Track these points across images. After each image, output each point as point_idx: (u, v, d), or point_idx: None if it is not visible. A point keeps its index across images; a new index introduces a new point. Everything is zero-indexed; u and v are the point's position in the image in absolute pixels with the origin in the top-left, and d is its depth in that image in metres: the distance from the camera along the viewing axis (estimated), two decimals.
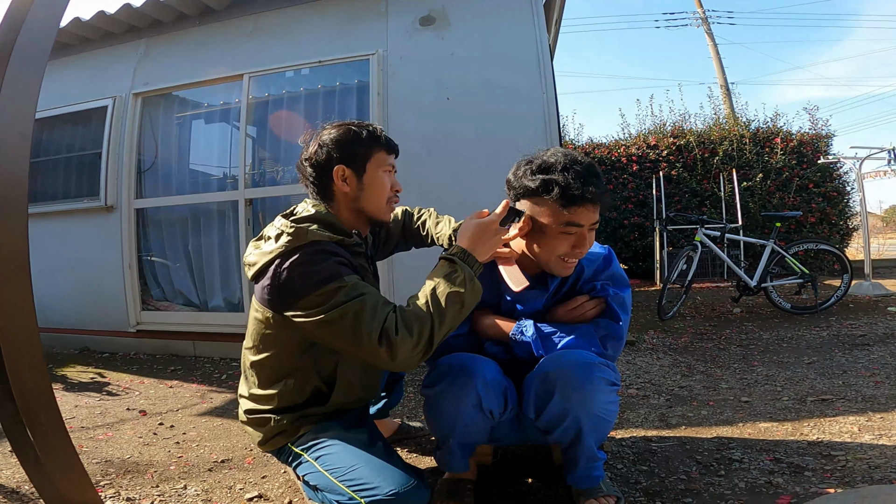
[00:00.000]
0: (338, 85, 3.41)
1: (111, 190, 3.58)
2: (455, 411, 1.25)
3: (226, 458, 1.82)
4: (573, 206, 1.22)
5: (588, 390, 1.19)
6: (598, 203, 1.25)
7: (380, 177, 1.30)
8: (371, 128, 1.31)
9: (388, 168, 1.33)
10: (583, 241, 1.26)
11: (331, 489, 1.17)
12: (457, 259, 1.18)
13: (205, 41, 3.57)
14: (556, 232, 1.25)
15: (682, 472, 1.53)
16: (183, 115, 3.80)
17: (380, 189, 1.30)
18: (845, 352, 2.77)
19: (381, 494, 1.11)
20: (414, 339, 1.08)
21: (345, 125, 1.30)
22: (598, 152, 7.07)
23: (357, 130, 1.29)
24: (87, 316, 3.72)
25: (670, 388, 2.37)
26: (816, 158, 6.26)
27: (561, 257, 1.28)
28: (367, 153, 1.28)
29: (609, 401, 1.25)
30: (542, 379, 1.23)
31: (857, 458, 1.51)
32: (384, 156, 1.30)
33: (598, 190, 1.23)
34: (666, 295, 4.04)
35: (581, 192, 1.20)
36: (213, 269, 3.59)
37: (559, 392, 1.20)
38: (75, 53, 3.89)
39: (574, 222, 1.23)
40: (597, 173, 1.25)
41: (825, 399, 2.04)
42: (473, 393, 1.22)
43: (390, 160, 1.33)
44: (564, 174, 1.23)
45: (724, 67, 11.37)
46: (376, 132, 1.31)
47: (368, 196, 1.29)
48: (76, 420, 2.27)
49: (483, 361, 1.27)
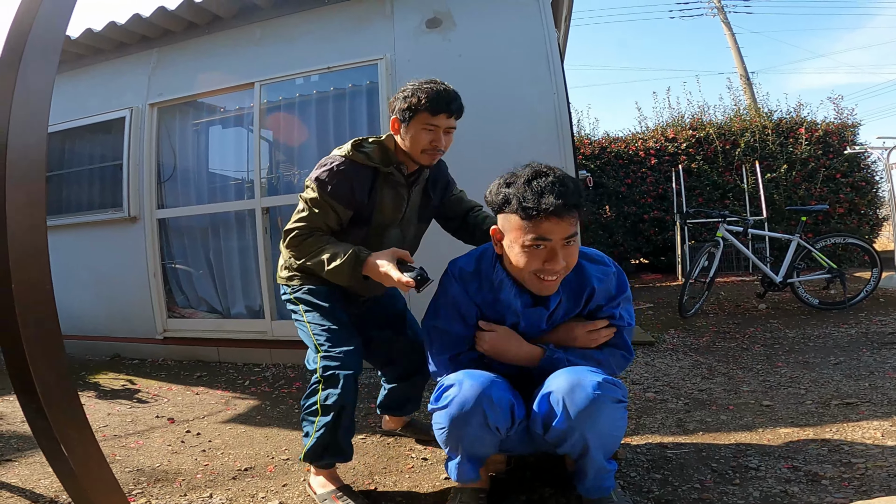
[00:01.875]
0: (349, 87, 3.44)
1: (133, 201, 3.68)
2: (462, 429, 1.26)
3: (249, 465, 1.87)
4: (533, 220, 1.21)
5: (594, 409, 1.19)
6: (566, 216, 1.21)
7: (419, 132, 1.58)
8: (436, 96, 1.56)
9: (429, 127, 1.58)
10: (553, 255, 1.24)
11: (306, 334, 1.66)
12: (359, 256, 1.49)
13: (214, 50, 3.64)
14: (525, 247, 1.25)
15: (697, 480, 1.51)
16: (198, 123, 3.88)
17: (415, 140, 1.59)
18: (874, 351, 2.68)
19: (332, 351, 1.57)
20: (292, 251, 1.62)
21: (420, 88, 1.57)
22: (614, 146, 6.97)
23: (421, 99, 1.56)
24: (117, 324, 3.84)
25: (689, 391, 2.34)
26: (843, 148, 6.06)
27: (534, 273, 1.27)
28: (414, 113, 1.57)
29: (616, 416, 1.25)
30: (547, 396, 1.25)
31: (878, 465, 1.47)
32: (427, 117, 1.56)
33: (565, 202, 1.19)
34: (688, 291, 3.97)
35: (536, 206, 1.20)
36: (235, 277, 3.67)
37: (564, 410, 1.21)
38: (90, 65, 3.98)
39: (539, 236, 1.22)
40: (564, 185, 1.22)
41: (850, 403, 1.99)
42: (479, 411, 1.23)
43: (434, 121, 1.57)
44: (524, 188, 1.22)
45: (742, 57, 11.07)
46: (435, 102, 1.55)
47: (408, 143, 1.61)
48: (109, 428, 2.36)
49: (489, 378, 1.28)
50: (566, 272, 1.29)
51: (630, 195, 6.76)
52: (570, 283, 1.37)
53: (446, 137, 1.62)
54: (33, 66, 1.00)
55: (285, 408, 2.54)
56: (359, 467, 1.79)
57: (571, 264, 1.28)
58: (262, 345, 3.43)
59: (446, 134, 1.61)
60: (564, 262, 1.25)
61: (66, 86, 3.92)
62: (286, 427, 2.28)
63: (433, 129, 1.57)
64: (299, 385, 2.90)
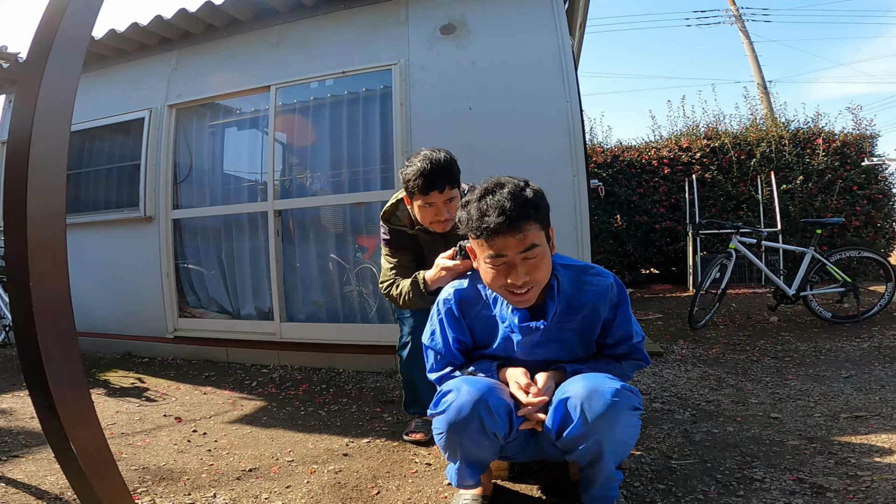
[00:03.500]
0: (363, 91, 3.48)
1: (150, 201, 3.75)
2: (459, 434, 1.27)
3: (253, 466, 1.89)
4: (482, 238, 1.24)
5: (611, 415, 1.20)
6: (514, 231, 1.21)
7: (419, 208, 1.81)
8: (423, 176, 1.72)
9: (426, 205, 1.77)
10: (513, 270, 1.25)
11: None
12: (415, 277, 1.77)
13: (232, 53, 3.70)
14: (487, 263, 1.27)
15: (700, 491, 1.50)
16: (215, 125, 3.95)
17: (421, 216, 1.83)
18: (885, 365, 2.64)
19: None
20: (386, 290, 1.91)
21: (412, 167, 1.75)
22: (627, 155, 6.94)
23: (413, 181, 1.74)
24: (129, 322, 3.91)
25: (697, 402, 2.32)
26: (861, 159, 5.98)
27: (503, 288, 1.29)
28: (411, 194, 1.80)
29: (631, 424, 1.26)
30: (564, 401, 1.24)
31: (884, 478, 1.45)
32: (422, 197, 1.76)
33: (507, 218, 1.20)
34: (698, 303, 3.94)
35: (478, 226, 1.23)
36: (245, 279, 3.72)
37: (581, 415, 1.21)
38: (112, 65, 4.06)
39: (495, 253, 1.24)
40: (510, 200, 1.21)
41: (859, 416, 1.96)
42: (476, 416, 1.24)
43: (429, 199, 1.75)
44: (471, 208, 1.25)
45: (760, 66, 10.97)
46: (423, 182, 1.73)
47: (418, 216, 1.84)
48: (117, 426, 2.40)
49: (487, 385, 1.29)
50: (537, 284, 1.29)
51: (642, 204, 6.71)
52: (570, 295, 1.38)
53: (448, 206, 1.77)
54: (59, 66, 1.02)
55: (291, 409, 2.56)
56: (362, 470, 1.80)
57: (539, 277, 1.27)
58: (270, 346, 3.47)
59: (448, 203, 1.77)
60: (528, 275, 1.25)
61: (88, 86, 4.00)
62: (291, 429, 2.29)
63: (432, 206, 1.76)
64: (306, 387, 2.92)
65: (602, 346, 1.45)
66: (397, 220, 1.93)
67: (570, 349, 1.42)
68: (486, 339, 1.46)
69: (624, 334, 1.41)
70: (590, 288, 1.38)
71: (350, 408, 2.54)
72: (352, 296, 3.47)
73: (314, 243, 3.54)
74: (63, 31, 1.03)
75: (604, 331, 1.42)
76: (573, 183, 2.94)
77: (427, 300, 1.71)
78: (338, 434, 2.20)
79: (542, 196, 1.29)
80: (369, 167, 3.45)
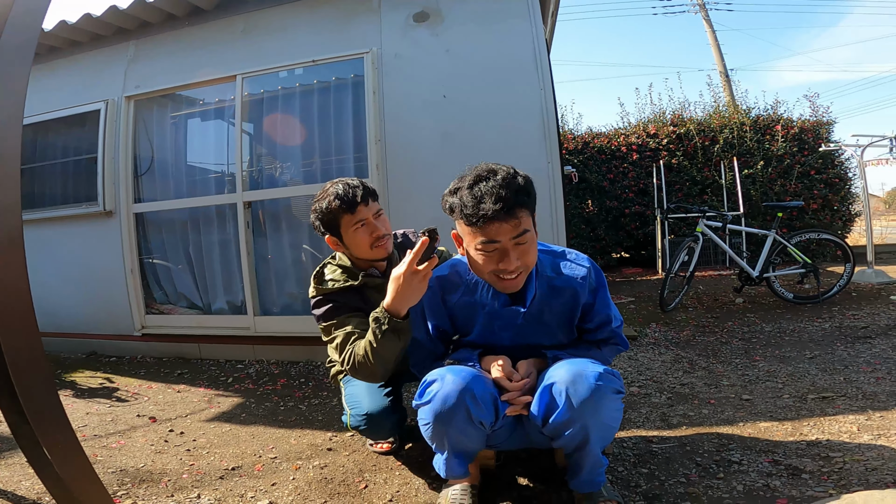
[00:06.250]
0: (334, 80, 3.39)
1: (109, 194, 3.59)
2: (446, 424, 1.27)
3: (236, 465, 1.85)
4: (476, 225, 1.23)
5: (596, 398, 1.21)
6: (509, 217, 1.22)
7: (352, 234, 1.61)
8: (341, 196, 1.57)
9: (358, 225, 1.59)
10: (506, 256, 1.25)
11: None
12: (376, 315, 1.39)
13: (195, 42, 3.54)
14: (477, 249, 1.27)
15: (682, 474, 1.55)
16: (178, 116, 3.79)
17: (358, 244, 1.62)
18: (847, 345, 2.78)
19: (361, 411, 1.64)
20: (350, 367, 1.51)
21: (324, 199, 1.60)
22: (597, 142, 7.02)
23: (331, 204, 1.58)
24: (94, 320, 3.75)
25: (672, 385, 2.39)
26: (818, 145, 6.22)
27: (493, 274, 1.29)
28: (336, 220, 1.60)
29: (615, 408, 1.28)
30: (549, 387, 1.26)
31: (855, 459, 1.52)
32: (349, 217, 1.58)
33: (504, 205, 1.20)
34: (668, 286, 4.05)
35: (475, 213, 1.22)
36: (215, 273, 3.61)
37: (567, 401, 1.22)
38: (65, 56, 3.87)
39: (488, 239, 1.24)
40: (505, 187, 1.22)
41: (826, 397, 2.06)
42: (462, 406, 1.24)
43: (357, 217, 1.58)
44: (463, 194, 1.24)
45: (722, 54, 11.25)
46: (343, 200, 1.57)
47: (354, 250, 1.64)
48: (88, 428, 2.31)
49: (471, 374, 1.29)
50: (526, 269, 1.30)
51: (612, 190, 6.83)
52: (550, 279, 1.39)
53: (381, 221, 1.62)
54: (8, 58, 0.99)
55: (270, 405, 2.52)
56: (348, 465, 1.79)
57: (529, 261, 1.30)
58: (245, 341, 3.39)
59: (378, 218, 1.62)
60: (519, 260, 1.26)
61: (42, 78, 3.80)
62: (272, 425, 2.26)
63: (364, 224, 1.60)
64: (284, 382, 2.87)
65: (582, 331, 1.48)
66: (334, 279, 1.64)
67: (551, 335, 1.44)
68: (466, 326, 1.46)
69: (604, 319, 1.44)
70: (569, 272, 1.40)
71: (331, 401, 2.51)
72: None
73: (287, 234, 3.46)
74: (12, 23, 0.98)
75: (584, 315, 1.44)
76: (547, 169, 2.96)
77: (404, 335, 1.39)
78: (320, 429, 2.18)
79: (531, 183, 1.30)
80: (342, 156, 3.38)
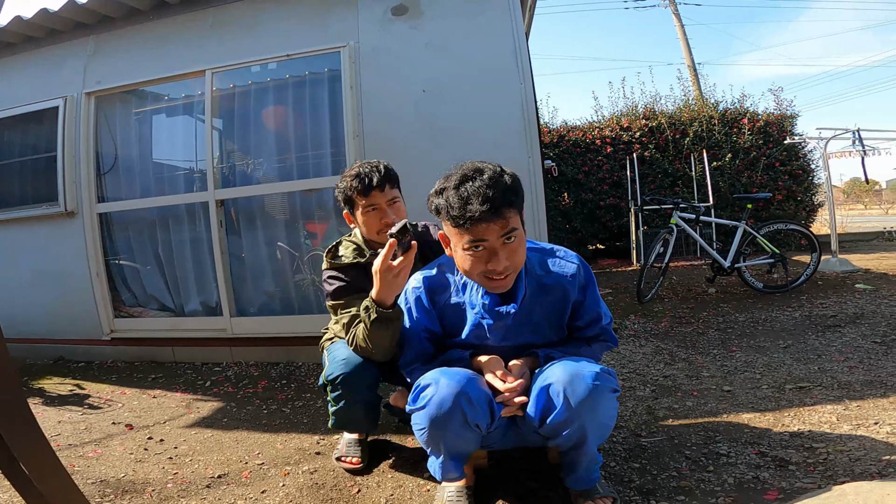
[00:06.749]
0: (307, 74, 3.30)
1: (70, 194, 3.42)
2: (442, 428, 1.26)
3: (222, 472, 1.79)
4: (463, 227, 1.21)
5: (594, 398, 1.22)
6: (497, 218, 1.19)
7: (364, 216, 1.68)
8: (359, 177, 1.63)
9: (370, 209, 1.66)
10: (494, 256, 1.23)
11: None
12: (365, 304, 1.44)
13: (161, 36, 3.39)
14: (465, 250, 1.25)
15: (673, 468, 1.57)
16: (143, 112, 3.62)
17: (368, 225, 1.69)
18: (818, 334, 2.88)
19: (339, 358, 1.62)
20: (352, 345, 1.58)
21: (346, 177, 1.67)
22: (572, 135, 7.10)
23: (349, 183, 1.64)
24: (60, 325, 3.57)
25: (655, 377, 2.43)
26: (782, 138, 6.43)
27: (482, 275, 1.27)
28: (352, 200, 1.67)
29: (612, 406, 1.29)
30: (546, 388, 1.25)
31: (838, 450, 1.57)
32: (363, 199, 1.65)
33: (492, 205, 1.18)
34: (645, 277, 4.13)
35: (462, 214, 1.19)
36: (188, 273, 3.47)
37: (565, 401, 1.22)
38: (21, 52, 3.67)
39: (475, 239, 1.22)
40: (492, 187, 1.19)
41: (803, 387, 2.12)
42: (458, 409, 1.23)
43: (371, 200, 1.64)
44: (449, 195, 1.22)
45: (690, 48, 11.52)
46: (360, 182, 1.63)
47: (364, 230, 1.71)
48: (62, 437, 2.20)
49: (465, 376, 1.28)
50: (515, 269, 1.28)
51: (587, 182, 6.91)
52: (540, 277, 1.38)
53: (394, 208, 1.65)
54: None
55: (252, 409, 2.45)
56: (339, 469, 1.75)
57: (517, 261, 1.28)
58: (221, 343, 3.29)
59: (392, 205, 1.65)
60: (508, 260, 1.24)
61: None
62: (256, 429, 2.19)
63: (376, 209, 1.65)
64: (265, 384, 2.81)
65: (572, 328, 1.47)
66: (346, 254, 1.70)
67: (542, 333, 1.43)
68: (456, 327, 1.44)
69: (594, 316, 1.44)
70: (558, 270, 1.39)
71: (315, 403, 2.47)
72: (304, 285, 3.34)
73: (262, 232, 3.36)
74: None
75: (574, 313, 1.43)
76: (528, 164, 2.95)
77: (393, 322, 1.42)
78: (307, 432, 2.13)
79: (518, 181, 1.28)
80: (319, 151, 3.30)
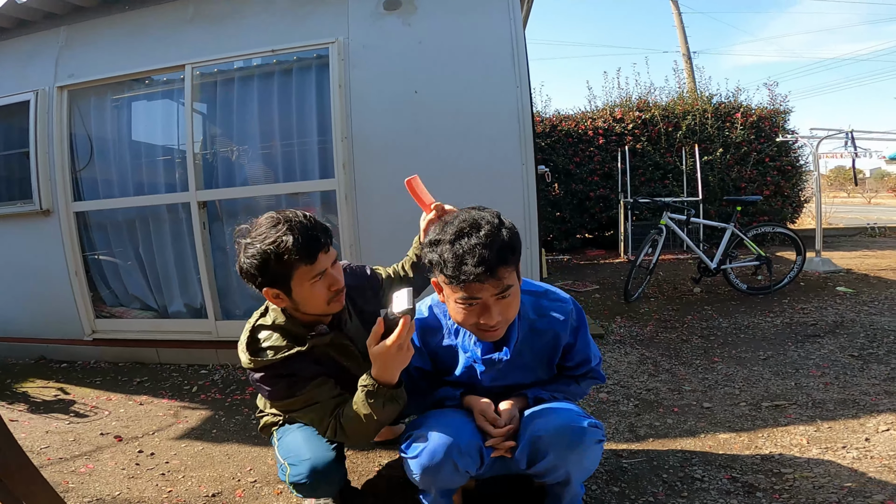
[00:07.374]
0: (295, 60, 3.20)
1: (45, 192, 3.33)
2: (433, 475, 1.29)
3: (216, 491, 1.80)
4: (457, 284, 1.17)
5: (580, 451, 1.27)
6: (492, 278, 1.15)
7: (308, 288, 1.32)
8: (297, 242, 1.26)
9: (317, 278, 1.31)
10: (487, 311, 1.21)
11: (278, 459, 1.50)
12: (368, 388, 1.29)
13: (138, 28, 3.25)
14: (457, 303, 1.23)
15: (650, 492, 1.62)
16: (120, 107, 3.50)
17: (313, 299, 1.34)
18: (797, 344, 2.93)
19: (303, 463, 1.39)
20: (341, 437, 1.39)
21: (267, 243, 1.26)
22: (565, 125, 7.05)
23: (273, 252, 1.25)
24: (41, 325, 3.53)
25: (638, 391, 2.47)
26: (774, 133, 6.44)
27: (475, 326, 1.26)
28: (288, 273, 1.28)
29: (597, 454, 1.34)
30: (535, 440, 1.29)
31: (804, 476, 1.63)
32: (306, 268, 1.29)
33: (487, 267, 1.13)
34: (633, 276, 4.17)
35: (456, 274, 1.15)
36: (170, 274, 3.42)
37: (553, 453, 1.27)
38: None
39: (468, 296, 1.20)
40: (488, 246, 1.15)
41: (778, 405, 2.17)
42: (449, 461, 1.26)
43: (316, 268, 1.30)
44: (444, 251, 1.17)
45: (686, 36, 11.42)
46: (302, 247, 1.26)
47: (305, 306, 1.35)
48: (51, 450, 2.19)
49: (456, 425, 1.31)
50: (507, 322, 1.27)
51: (578, 173, 6.90)
52: (532, 322, 1.38)
53: (337, 269, 1.37)
54: None
55: (241, 418, 2.46)
56: None
57: (510, 314, 1.26)
58: (207, 345, 3.26)
59: (335, 267, 1.36)
60: (500, 315, 1.22)
61: None
62: (246, 442, 2.20)
63: (323, 276, 1.32)
64: (252, 390, 2.81)
65: (563, 368, 1.50)
66: (274, 347, 1.36)
67: (533, 373, 1.45)
68: (448, 367, 1.46)
69: (584, 357, 1.47)
70: (551, 313, 1.40)
71: None
72: None
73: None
74: None
75: (564, 355, 1.45)
76: (522, 172, 2.93)
77: (402, 397, 1.32)
78: None
79: (517, 235, 1.24)
80: (305, 147, 3.23)
